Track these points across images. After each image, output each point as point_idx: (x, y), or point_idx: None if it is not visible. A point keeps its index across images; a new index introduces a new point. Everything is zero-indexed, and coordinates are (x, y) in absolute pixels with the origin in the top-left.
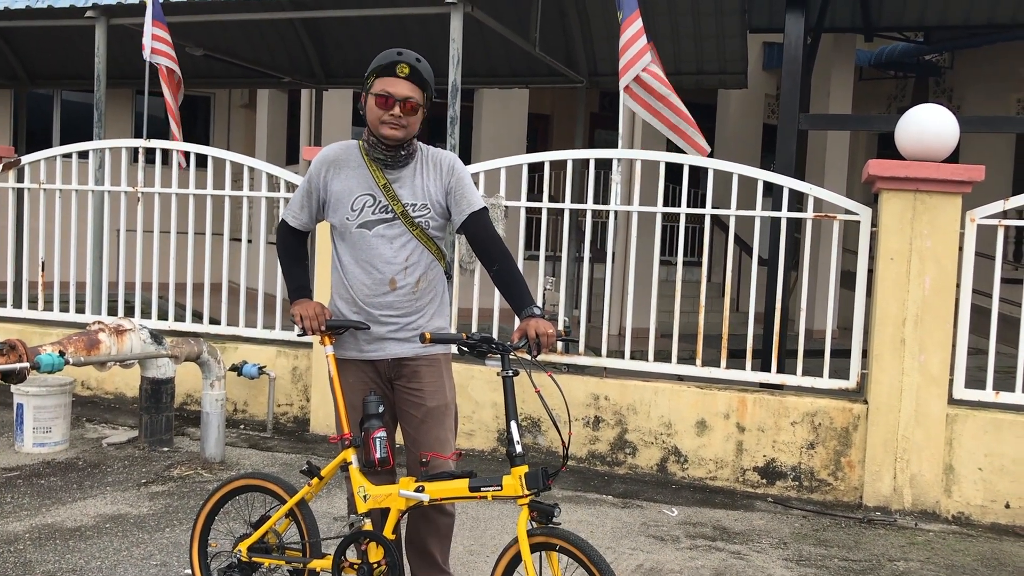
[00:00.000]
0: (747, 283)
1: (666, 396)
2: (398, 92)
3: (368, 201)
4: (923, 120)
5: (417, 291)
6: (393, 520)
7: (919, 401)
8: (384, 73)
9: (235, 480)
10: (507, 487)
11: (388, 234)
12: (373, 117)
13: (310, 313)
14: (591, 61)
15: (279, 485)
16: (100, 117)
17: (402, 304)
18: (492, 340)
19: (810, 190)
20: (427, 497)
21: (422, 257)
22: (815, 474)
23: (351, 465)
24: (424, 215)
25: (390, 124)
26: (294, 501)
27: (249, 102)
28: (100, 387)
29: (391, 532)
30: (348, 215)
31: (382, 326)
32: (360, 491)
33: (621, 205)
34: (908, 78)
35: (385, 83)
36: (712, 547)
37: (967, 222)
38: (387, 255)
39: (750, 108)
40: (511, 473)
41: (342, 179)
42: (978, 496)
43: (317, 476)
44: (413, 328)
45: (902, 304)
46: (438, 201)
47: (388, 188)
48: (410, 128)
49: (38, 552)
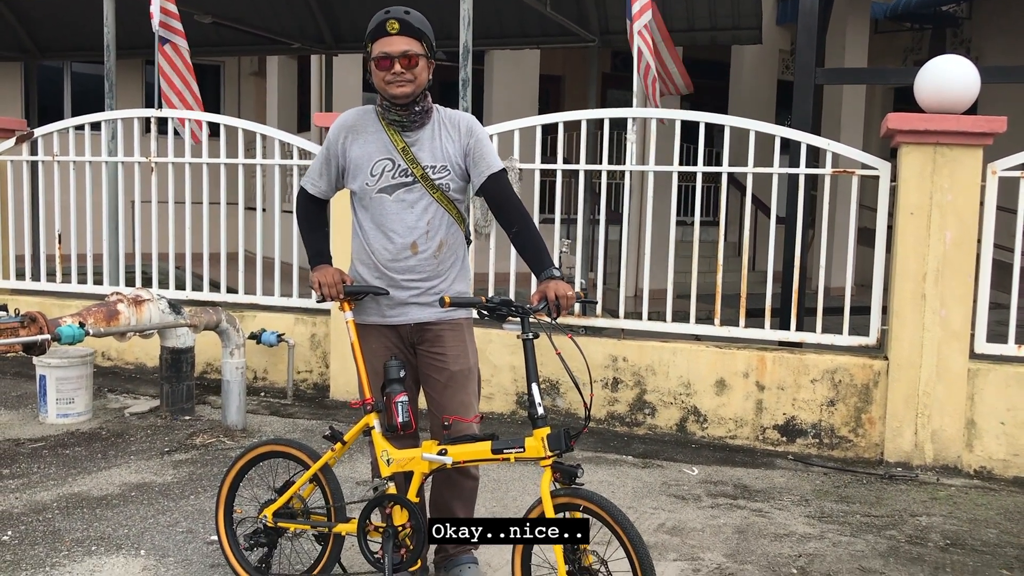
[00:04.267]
0: (763, 241)
1: (685, 356)
2: (394, 49)
3: (387, 166)
4: (943, 72)
5: (439, 255)
6: (416, 483)
7: (940, 356)
8: (377, 35)
9: (258, 447)
10: (529, 449)
11: (408, 198)
12: (379, 80)
13: (329, 280)
14: (603, 19)
15: (302, 451)
16: (111, 88)
17: (424, 268)
18: (511, 303)
19: (828, 145)
20: (450, 460)
21: (443, 220)
22: (835, 431)
23: (373, 429)
24: (444, 176)
25: (395, 82)
26: (318, 466)
27: (259, 70)
28: (120, 357)
29: (415, 495)
30: (368, 180)
31: (404, 291)
32: (383, 455)
33: (636, 165)
34: (925, 30)
35: (380, 44)
36: (734, 505)
37: (988, 175)
38: (408, 220)
39: (764, 64)
40: (533, 435)
41: (360, 144)
42: (1000, 450)
43: (340, 441)
44: (435, 292)
45: (922, 259)
46: (457, 163)
47: (407, 151)
48: (418, 80)
49: (66, 520)
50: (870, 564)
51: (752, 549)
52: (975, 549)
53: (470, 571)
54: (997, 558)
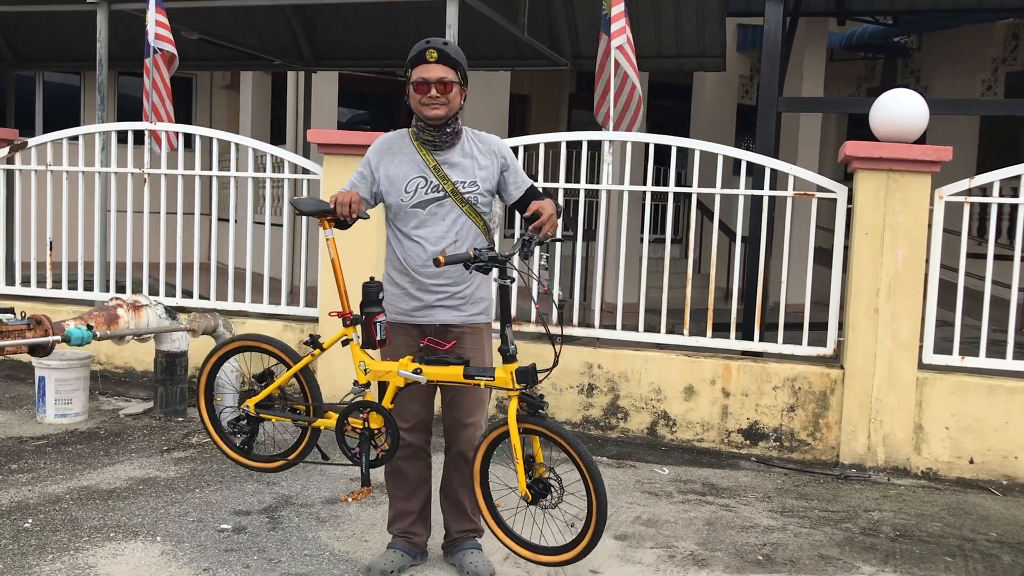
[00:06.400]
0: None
1: (656, 364)
2: (431, 76)
3: (420, 183)
4: (896, 104)
5: None
6: (391, 393)
7: (891, 366)
8: (417, 62)
9: (237, 340)
10: (499, 379)
11: (439, 212)
12: (415, 103)
13: (345, 200)
14: (575, 43)
15: (281, 349)
16: (102, 100)
17: (451, 274)
18: (497, 256)
19: (790, 170)
20: (424, 379)
21: (470, 231)
22: (795, 435)
23: (352, 341)
24: (473, 191)
25: (431, 105)
26: (299, 367)
27: (231, 83)
28: (110, 362)
29: (389, 403)
30: (402, 196)
31: (431, 294)
32: (360, 365)
33: (612, 184)
34: (877, 59)
35: (419, 71)
36: (703, 501)
37: (936, 199)
38: (439, 230)
39: (725, 89)
40: (503, 367)
41: (395, 165)
42: (945, 453)
43: (319, 347)
44: (460, 297)
45: (876, 276)
46: (485, 179)
47: (438, 169)
48: (451, 104)
49: (82, 511)
50: (828, 552)
51: (721, 539)
52: (922, 540)
53: (473, 555)
54: (941, 547)
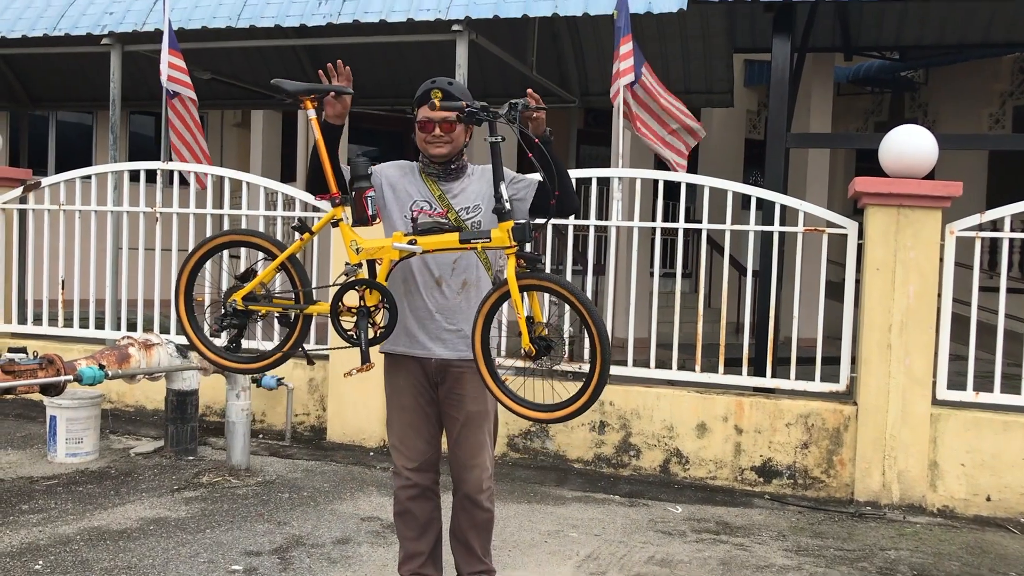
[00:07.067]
0: (734, 294)
1: (668, 401)
2: (435, 115)
3: (425, 207)
4: (905, 140)
5: (463, 292)
6: (385, 269)
7: (905, 402)
8: (423, 101)
9: (222, 235)
10: (495, 239)
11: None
12: (420, 141)
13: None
14: (583, 81)
15: (268, 240)
16: (115, 139)
17: (449, 301)
18: (488, 107)
19: (800, 205)
20: (419, 248)
21: (470, 262)
22: (809, 472)
23: (341, 221)
24: (475, 215)
25: (435, 143)
26: (286, 255)
27: (242, 121)
28: (121, 400)
29: (384, 279)
30: (405, 213)
31: (432, 322)
32: (352, 244)
33: (622, 221)
34: (884, 93)
35: (424, 110)
36: (717, 540)
37: (947, 234)
38: (439, 256)
39: (732, 124)
40: (499, 227)
41: (404, 183)
42: (961, 490)
43: (309, 231)
44: (459, 333)
45: (888, 311)
46: (488, 197)
47: (443, 198)
48: (455, 143)
49: (93, 552)
50: None
51: None
52: None
53: None
54: None
